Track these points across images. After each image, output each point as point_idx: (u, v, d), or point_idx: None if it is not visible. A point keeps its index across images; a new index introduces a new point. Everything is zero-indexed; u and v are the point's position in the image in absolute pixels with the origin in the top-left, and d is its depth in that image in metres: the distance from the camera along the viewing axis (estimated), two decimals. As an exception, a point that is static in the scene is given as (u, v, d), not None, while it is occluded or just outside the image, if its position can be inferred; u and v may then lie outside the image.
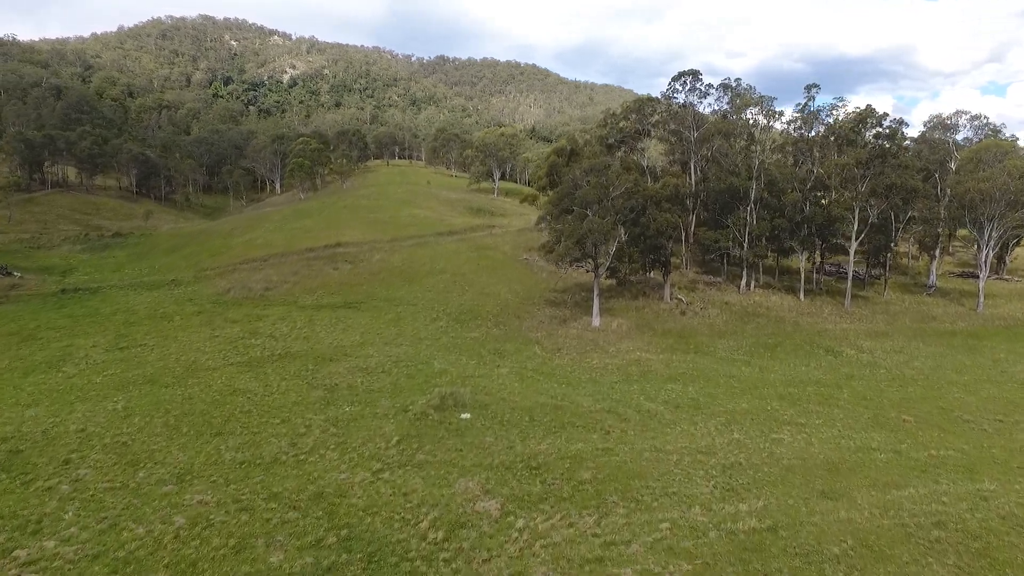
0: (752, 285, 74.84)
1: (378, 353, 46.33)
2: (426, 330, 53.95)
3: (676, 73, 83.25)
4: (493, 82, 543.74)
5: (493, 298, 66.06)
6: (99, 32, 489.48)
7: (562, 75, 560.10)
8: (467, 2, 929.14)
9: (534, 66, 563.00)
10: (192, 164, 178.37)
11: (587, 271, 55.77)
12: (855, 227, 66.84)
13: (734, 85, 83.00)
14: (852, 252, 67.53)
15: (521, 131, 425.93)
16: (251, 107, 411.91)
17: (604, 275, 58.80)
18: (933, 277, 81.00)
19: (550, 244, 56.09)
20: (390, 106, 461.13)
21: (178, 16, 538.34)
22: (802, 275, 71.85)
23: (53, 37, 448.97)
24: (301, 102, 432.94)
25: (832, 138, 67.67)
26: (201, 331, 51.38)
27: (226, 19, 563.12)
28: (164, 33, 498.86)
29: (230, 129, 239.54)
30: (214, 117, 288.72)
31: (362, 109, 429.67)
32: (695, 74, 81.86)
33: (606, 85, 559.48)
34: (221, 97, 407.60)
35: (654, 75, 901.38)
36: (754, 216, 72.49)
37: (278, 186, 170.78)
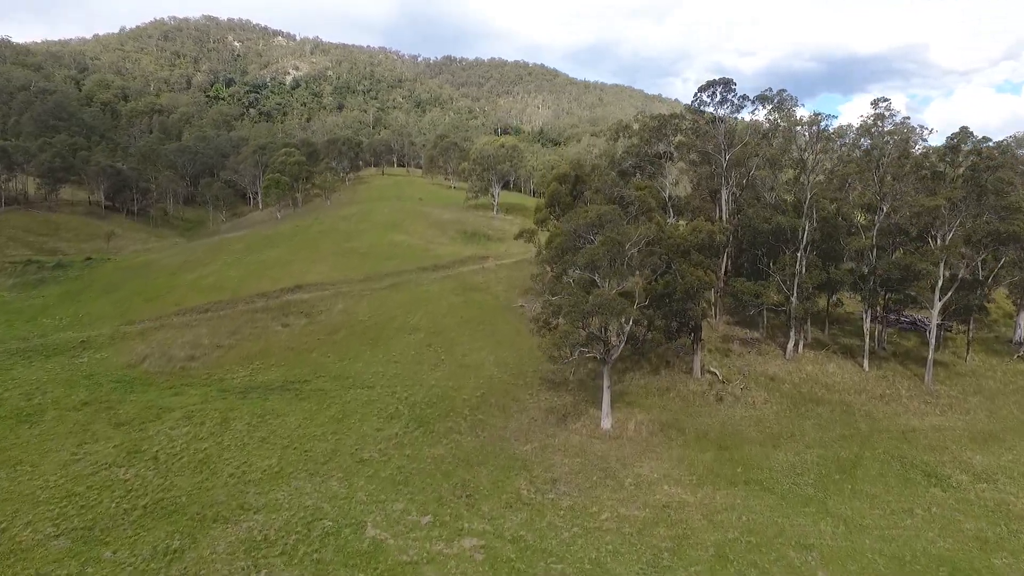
0: (800, 345, 60.03)
1: (292, 498, 32.18)
2: (375, 441, 39.65)
3: (704, 82, 68.56)
4: (500, 83, 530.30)
5: (474, 373, 51.71)
6: (101, 34, 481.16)
7: (571, 75, 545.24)
8: (477, 1, 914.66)
9: (542, 66, 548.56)
10: (170, 175, 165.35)
11: (595, 357, 41.32)
12: (940, 283, 51.81)
13: (775, 97, 68.14)
14: (935, 317, 52.45)
15: (529, 133, 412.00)
16: (252, 109, 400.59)
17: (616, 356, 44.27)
18: (1021, 331, 65.69)
19: (542, 321, 41.59)
20: (394, 108, 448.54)
21: (181, 17, 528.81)
22: (866, 340, 56.83)
23: (56, 39, 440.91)
24: (303, 104, 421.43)
25: (909, 166, 52.61)
26: (64, 447, 37.48)
27: (230, 20, 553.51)
28: (166, 34, 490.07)
29: (219, 136, 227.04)
30: (208, 122, 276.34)
31: (365, 111, 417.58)
32: (727, 84, 67.00)
33: (616, 85, 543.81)
34: (222, 99, 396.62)
35: (664, 74, 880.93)
36: (803, 264, 57.65)
37: (260, 201, 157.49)
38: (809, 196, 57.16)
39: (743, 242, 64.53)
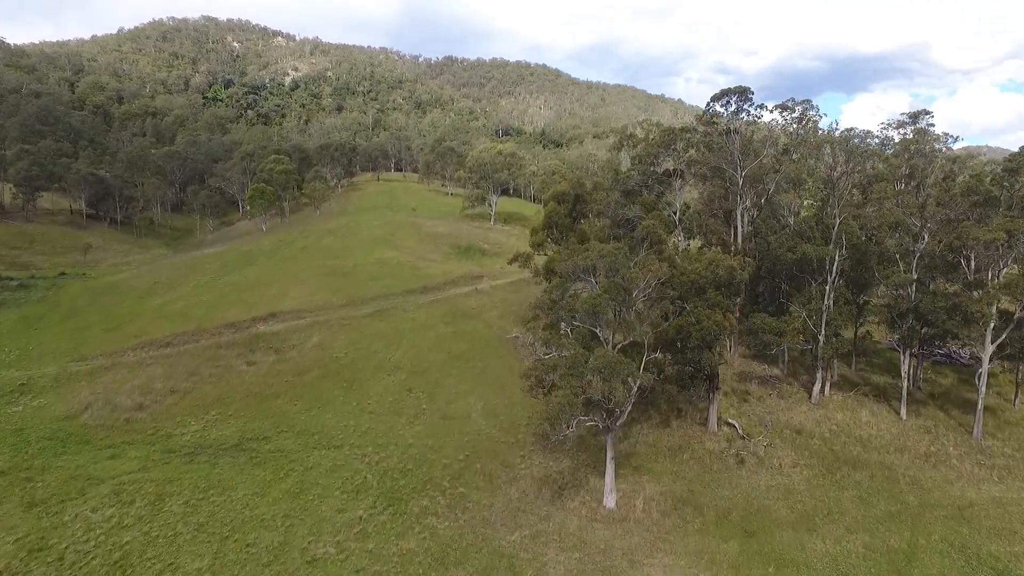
0: (827, 386, 53.42)
1: (218, 624, 25.74)
2: (333, 529, 33.14)
3: (717, 92, 62.03)
4: (502, 83, 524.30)
5: (458, 427, 45.22)
6: (99, 35, 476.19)
7: (573, 76, 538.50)
8: (480, 2, 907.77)
9: (544, 66, 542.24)
10: (157, 183, 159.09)
11: (597, 425, 34.74)
12: (992, 324, 45.09)
13: (796, 108, 61.54)
14: (986, 361, 45.74)
15: (530, 134, 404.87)
16: (250, 111, 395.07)
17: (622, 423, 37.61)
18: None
19: (535, 380, 35.01)
20: (394, 109, 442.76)
21: (180, 17, 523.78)
22: (904, 385, 50.08)
23: (55, 40, 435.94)
24: (302, 106, 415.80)
25: (958, 190, 45.88)
26: (-45, 541, 31.06)
27: (229, 20, 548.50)
28: (164, 35, 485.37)
29: (211, 140, 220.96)
30: (202, 125, 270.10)
31: (364, 113, 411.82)
32: (743, 93, 60.41)
33: (618, 86, 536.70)
34: (220, 100, 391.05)
35: (667, 74, 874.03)
36: (831, 297, 50.99)
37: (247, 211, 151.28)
38: (839, 221, 50.48)
39: (761, 268, 57.90)
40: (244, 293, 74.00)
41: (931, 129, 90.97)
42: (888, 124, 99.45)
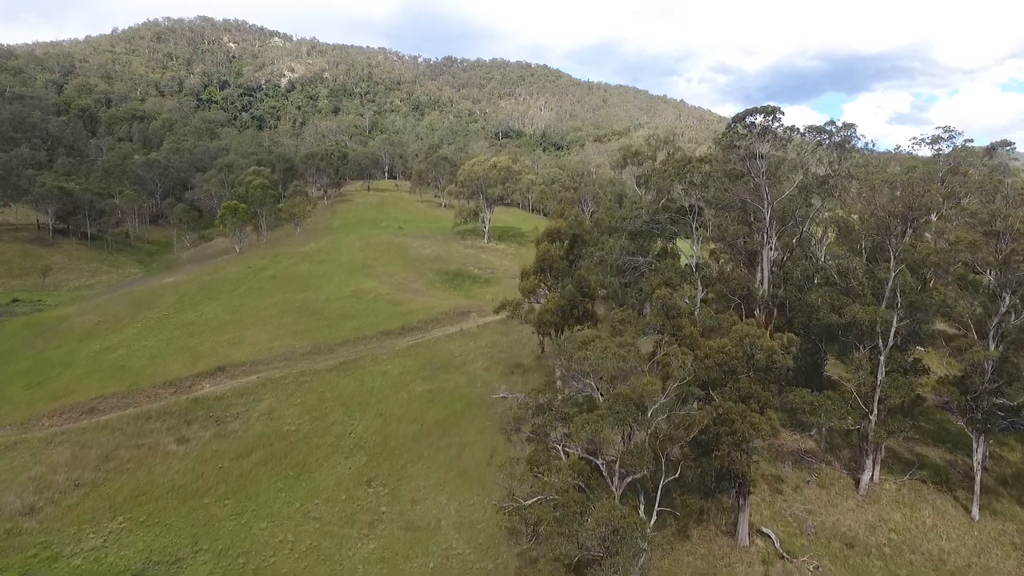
0: (876, 472, 44.04)
1: None
2: None
3: (740, 112, 52.70)
4: (502, 84, 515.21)
5: (423, 545, 35.87)
6: (94, 35, 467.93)
7: (574, 75, 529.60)
8: (481, 1, 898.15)
9: (545, 67, 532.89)
10: (132, 195, 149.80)
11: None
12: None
13: (837, 133, 51.96)
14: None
15: (531, 136, 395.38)
16: (244, 113, 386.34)
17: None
18: None
19: (515, 530, 25.70)
20: (391, 111, 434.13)
21: (175, 17, 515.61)
22: (976, 481, 40.65)
23: (49, 40, 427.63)
24: (298, 108, 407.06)
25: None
26: None
27: (225, 20, 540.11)
28: (159, 35, 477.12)
29: (197, 146, 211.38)
30: (191, 130, 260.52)
31: (361, 116, 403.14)
32: (770, 113, 51.05)
33: (620, 86, 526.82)
34: (215, 102, 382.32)
35: (668, 73, 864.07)
36: (884, 368, 41.54)
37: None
38: (893, 275, 41.02)
39: (794, 323, 48.47)
40: (195, 338, 64.78)
41: (968, 143, 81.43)
42: (920, 140, 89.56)
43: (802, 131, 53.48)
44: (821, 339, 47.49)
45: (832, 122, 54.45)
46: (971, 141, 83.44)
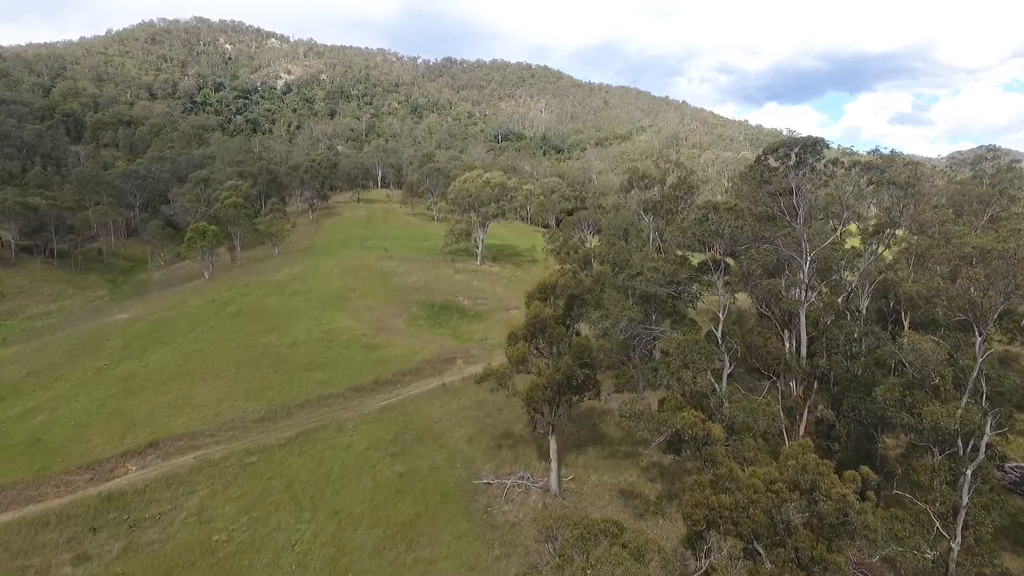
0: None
1: None
2: None
3: (773, 143, 43.65)
4: (502, 85, 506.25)
5: None
6: (88, 36, 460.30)
7: (575, 76, 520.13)
8: (481, 1, 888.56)
9: (546, 68, 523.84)
10: (106, 209, 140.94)
11: None
12: None
13: (887, 168, 42.74)
14: None
15: (531, 138, 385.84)
16: (239, 116, 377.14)
17: None
18: None
19: None
20: (389, 114, 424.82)
21: (171, 18, 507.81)
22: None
23: (42, 41, 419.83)
24: (294, 111, 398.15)
25: None
26: None
27: (222, 21, 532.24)
28: (153, 37, 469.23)
29: (181, 154, 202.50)
30: (179, 136, 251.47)
31: (358, 119, 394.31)
32: (810, 147, 42.00)
33: (622, 87, 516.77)
34: (210, 105, 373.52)
35: (670, 73, 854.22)
36: (969, 487, 32.33)
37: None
38: (980, 360, 31.87)
39: (843, 405, 39.33)
40: (132, 398, 55.81)
41: (1016, 164, 72.44)
42: (959, 160, 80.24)
43: (846, 165, 44.39)
44: (876, 427, 38.40)
45: (877, 148, 45.20)
46: (1019, 162, 74.90)
